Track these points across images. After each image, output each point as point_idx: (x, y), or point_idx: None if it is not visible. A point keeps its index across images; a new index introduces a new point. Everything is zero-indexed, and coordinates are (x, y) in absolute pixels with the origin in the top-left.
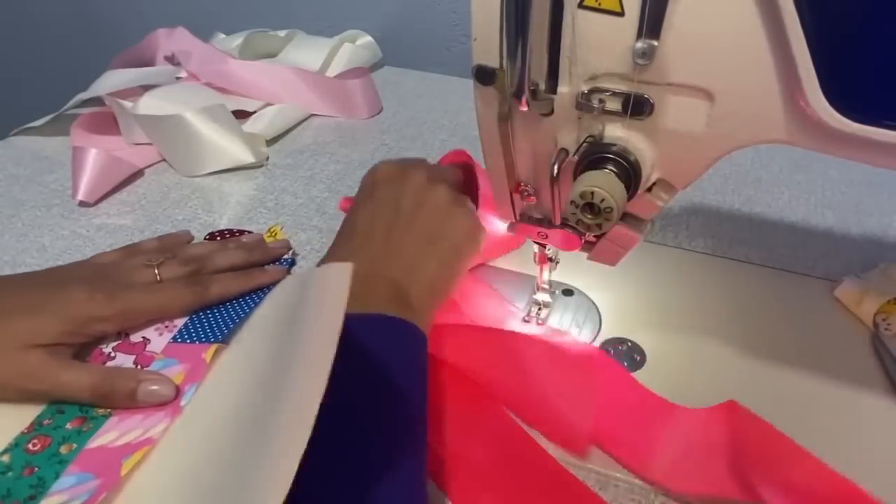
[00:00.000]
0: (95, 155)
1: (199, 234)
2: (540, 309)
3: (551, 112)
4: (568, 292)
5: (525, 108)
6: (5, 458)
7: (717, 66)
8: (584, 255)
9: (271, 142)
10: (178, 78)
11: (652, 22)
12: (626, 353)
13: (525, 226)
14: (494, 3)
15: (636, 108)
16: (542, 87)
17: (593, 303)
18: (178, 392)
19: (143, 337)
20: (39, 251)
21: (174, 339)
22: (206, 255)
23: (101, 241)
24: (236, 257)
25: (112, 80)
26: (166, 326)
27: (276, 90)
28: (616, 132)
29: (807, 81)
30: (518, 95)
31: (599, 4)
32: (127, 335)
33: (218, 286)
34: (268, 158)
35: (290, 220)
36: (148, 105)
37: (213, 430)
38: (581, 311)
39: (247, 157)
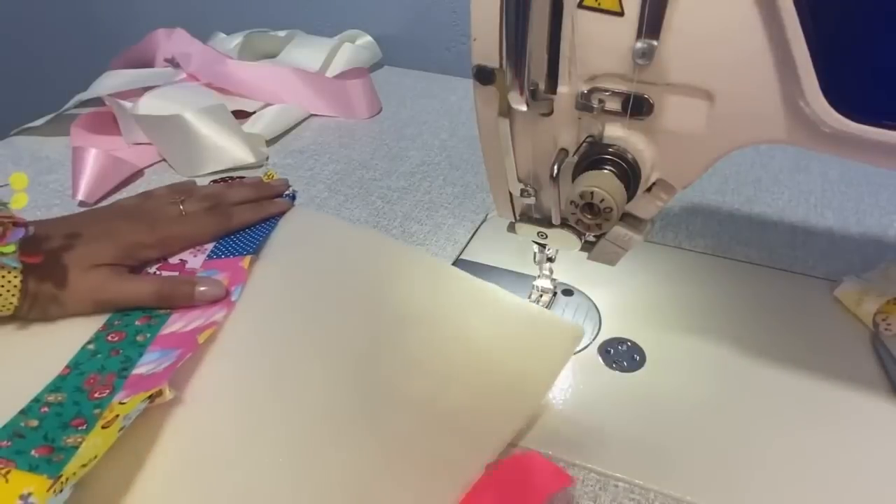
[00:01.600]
0: (95, 155)
1: None
2: (542, 295)
3: (551, 112)
4: (568, 292)
5: (525, 109)
6: (91, 346)
7: (717, 66)
8: (584, 255)
9: (271, 142)
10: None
11: (652, 22)
12: (626, 353)
13: (525, 226)
14: (494, 3)
15: (636, 108)
16: (542, 87)
17: (593, 303)
18: (228, 291)
19: (181, 259)
20: None
21: (209, 257)
22: (220, 193)
23: None
24: (246, 192)
25: (112, 81)
26: (199, 249)
27: (275, 90)
28: (616, 132)
29: (807, 81)
30: (518, 96)
31: (599, 4)
32: (166, 259)
33: (238, 214)
34: (268, 158)
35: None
36: (148, 105)
37: None
38: (581, 310)
39: (247, 157)
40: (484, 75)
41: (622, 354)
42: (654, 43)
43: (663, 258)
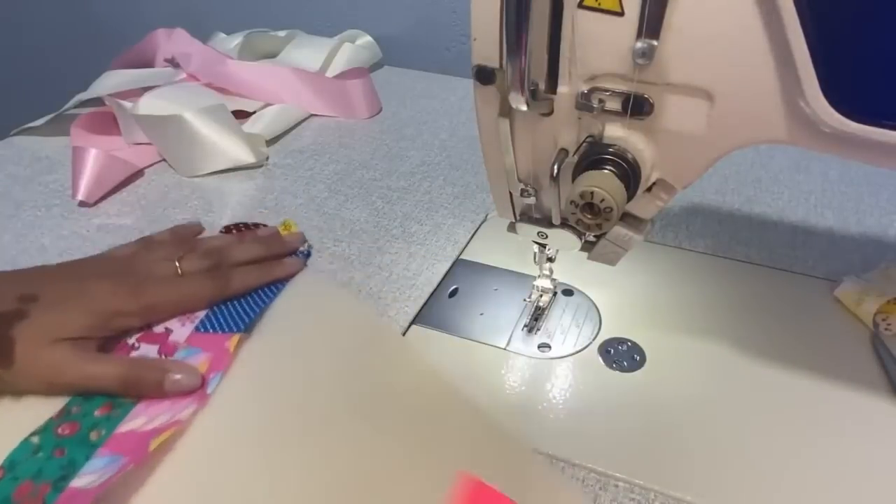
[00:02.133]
0: (95, 155)
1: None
2: (542, 295)
3: (551, 112)
4: (568, 292)
5: (525, 108)
6: (35, 440)
7: (717, 66)
8: (584, 255)
9: (271, 142)
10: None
11: (652, 22)
12: (626, 353)
13: (525, 226)
14: (494, 3)
15: (636, 108)
16: (542, 87)
17: (593, 303)
18: (204, 381)
19: (166, 328)
20: (39, 251)
21: (197, 328)
22: (224, 249)
23: (100, 241)
24: (254, 250)
25: (112, 81)
26: (188, 317)
27: (275, 90)
28: (616, 132)
29: (807, 81)
30: (518, 96)
31: (599, 4)
32: (150, 326)
33: (239, 279)
34: (268, 158)
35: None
36: (148, 105)
37: None
38: (581, 311)
39: (247, 157)
40: (484, 75)
41: (622, 354)
42: (655, 43)
43: (663, 258)
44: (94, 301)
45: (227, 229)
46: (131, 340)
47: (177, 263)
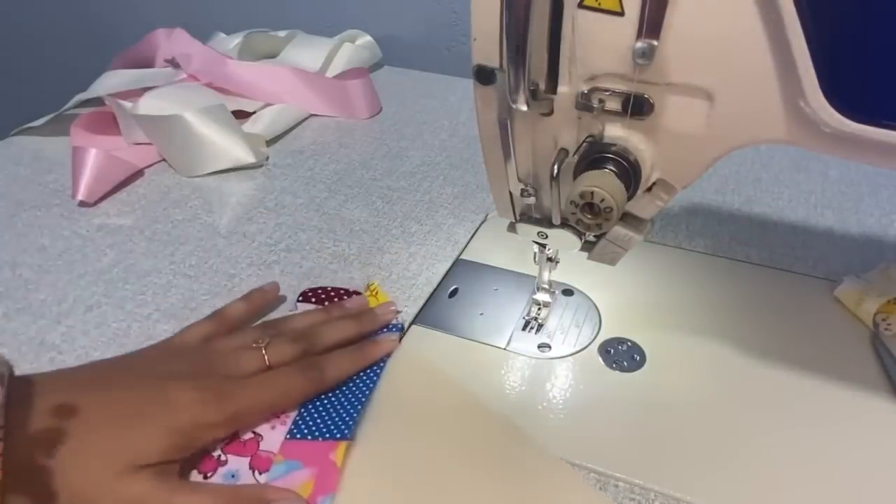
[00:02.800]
0: (95, 155)
1: (199, 234)
2: (540, 309)
3: (551, 112)
4: (568, 292)
5: (525, 108)
6: None
7: (717, 66)
8: (584, 255)
9: (271, 142)
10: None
11: (652, 22)
12: (626, 353)
13: (525, 226)
14: (494, 3)
15: (636, 108)
16: (542, 87)
17: (593, 303)
18: None
19: (254, 433)
20: (39, 251)
21: (290, 434)
22: (313, 330)
23: (100, 241)
24: (347, 330)
25: (112, 81)
26: (278, 418)
27: (275, 90)
28: (616, 132)
29: (807, 81)
30: (517, 96)
31: (599, 4)
32: (238, 436)
33: (334, 369)
34: (268, 158)
35: (289, 220)
36: (148, 105)
37: None
38: (581, 311)
39: (247, 157)
40: (484, 75)
41: (622, 354)
42: (655, 43)
43: (663, 258)
44: (176, 414)
45: (305, 297)
46: (216, 453)
47: (264, 352)
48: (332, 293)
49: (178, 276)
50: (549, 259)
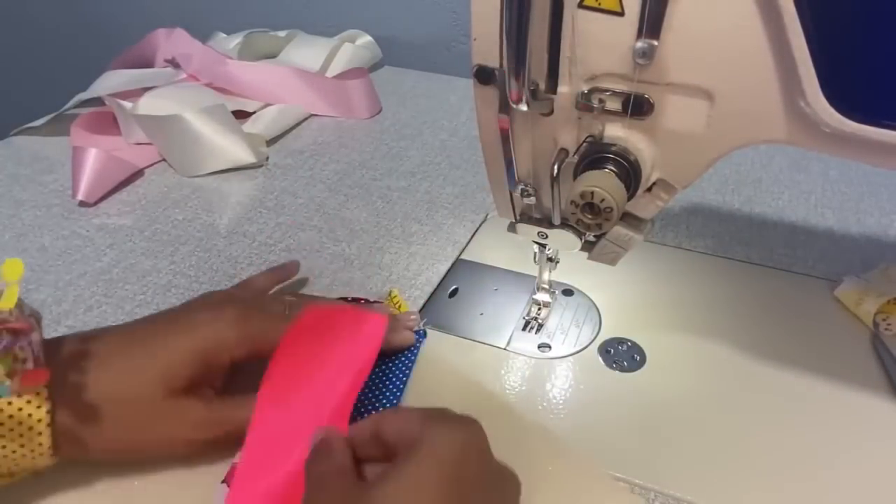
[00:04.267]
0: (95, 155)
1: (199, 234)
2: (540, 309)
3: (551, 112)
4: (568, 292)
5: (525, 108)
6: None
7: (717, 66)
8: (584, 255)
9: (271, 142)
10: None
11: (652, 22)
12: (626, 353)
13: (525, 226)
14: (494, 3)
15: (636, 108)
16: (542, 87)
17: (593, 303)
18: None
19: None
20: (39, 251)
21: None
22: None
23: (101, 241)
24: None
25: (112, 81)
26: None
27: (275, 90)
28: (616, 132)
29: (807, 81)
30: (518, 95)
31: (599, 4)
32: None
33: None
34: (268, 158)
35: (289, 220)
36: (148, 105)
37: None
38: (581, 311)
39: (247, 157)
40: (484, 75)
41: (622, 354)
42: (655, 43)
43: (663, 258)
44: (196, 332)
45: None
46: (237, 460)
47: (286, 311)
48: (361, 301)
49: (178, 276)
50: (549, 259)
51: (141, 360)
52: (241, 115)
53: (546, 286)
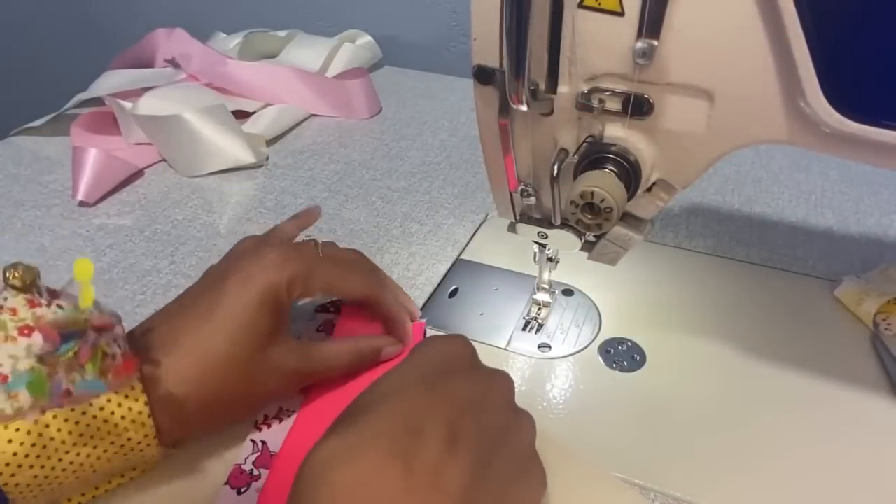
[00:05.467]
0: (95, 155)
1: (199, 234)
2: (540, 309)
3: (551, 112)
4: (568, 292)
5: (525, 108)
6: None
7: (717, 66)
8: (584, 255)
9: (271, 142)
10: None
11: (652, 22)
12: (626, 353)
13: (525, 226)
14: (494, 3)
15: (636, 108)
16: (542, 87)
17: (593, 303)
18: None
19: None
20: (39, 251)
21: None
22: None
23: (101, 241)
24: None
25: (111, 81)
26: None
27: (275, 90)
28: (616, 132)
29: (807, 81)
30: (518, 96)
31: (599, 4)
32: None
33: (392, 284)
34: (268, 158)
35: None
36: (148, 105)
37: None
38: (581, 311)
39: (247, 157)
40: (484, 75)
41: (622, 354)
42: (655, 43)
43: (663, 258)
44: (252, 281)
45: (323, 305)
46: (248, 467)
47: (317, 249)
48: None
49: (178, 276)
50: (549, 259)
51: (213, 328)
52: (241, 115)
53: (546, 286)
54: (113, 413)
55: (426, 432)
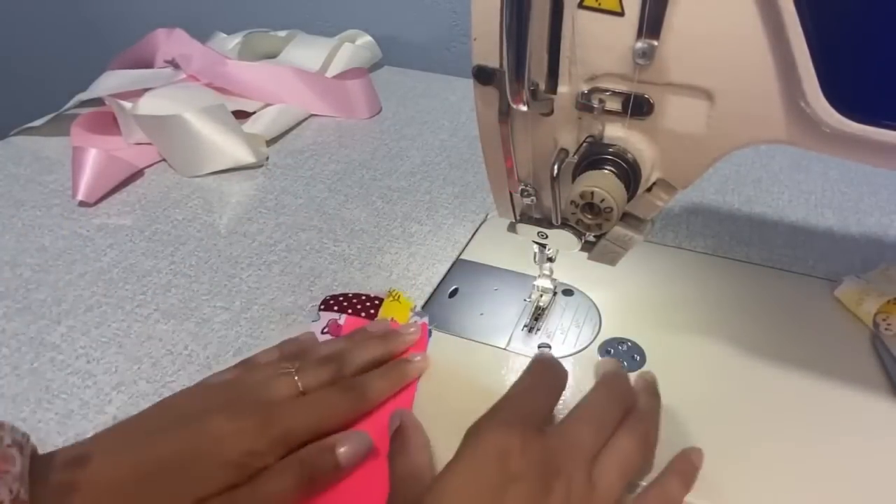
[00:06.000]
0: (95, 155)
1: (199, 234)
2: (542, 295)
3: (551, 112)
4: (568, 292)
5: (525, 108)
6: None
7: (717, 66)
8: (584, 255)
9: (271, 142)
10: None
11: (652, 22)
12: (626, 353)
13: (525, 226)
14: (494, 4)
15: (636, 108)
16: (542, 87)
17: (593, 303)
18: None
19: None
20: (39, 251)
21: None
22: (341, 354)
23: (101, 241)
24: (375, 350)
25: (111, 82)
26: None
27: (275, 90)
28: (616, 132)
29: (807, 81)
30: (518, 96)
31: (599, 4)
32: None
33: (373, 387)
34: (268, 158)
35: (290, 220)
36: (148, 105)
37: None
38: (581, 311)
39: (247, 157)
40: (484, 75)
41: (622, 354)
42: (655, 43)
43: (663, 258)
44: (223, 448)
45: (328, 305)
46: None
47: (296, 378)
48: (354, 300)
49: (178, 276)
50: (549, 259)
51: (166, 487)
52: (241, 115)
53: (546, 286)
54: None
55: None
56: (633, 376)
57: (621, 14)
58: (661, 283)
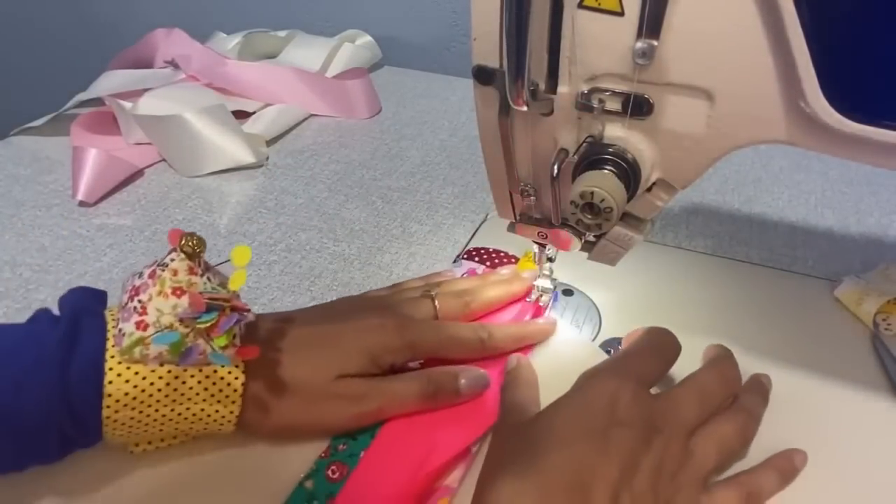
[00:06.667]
0: (95, 155)
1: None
2: (541, 295)
3: (551, 112)
4: (568, 292)
5: (525, 108)
6: (308, 485)
7: (717, 66)
8: (584, 255)
9: (271, 142)
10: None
11: (652, 22)
12: None
13: (525, 226)
14: (494, 4)
15: (636, 108)
16: (542, 87)
17: (593, 303)
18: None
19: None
20: (39, 251)
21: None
22: (474, 289)
23: (101, 241)
24: (500, 290)
25: (111, 82)
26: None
27: (275, 90)
28: (616, 132)
29: (807, 81)
30: (518, 96)
31: (599, 4)
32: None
33: (500, 332)
34: (268, 158)
35: (290, 220)
36: (148, 105)
37: None
38: (581, 310)
39: (247, 157)
40: (484, 75)
41: None
42: (655, 43)
43: (663, 258)
44: (365, 336)
45: (469, 255)
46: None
47: (435, 302)
48: (494, 254)
49: None
50: (550, 259)
51: (320, 352)
52: (241, 115)
53: (546, 286)
54: (215, 383)
55: (593, 495)
56: (750, 373)
57: (621, 14)
58: (661, 283)
